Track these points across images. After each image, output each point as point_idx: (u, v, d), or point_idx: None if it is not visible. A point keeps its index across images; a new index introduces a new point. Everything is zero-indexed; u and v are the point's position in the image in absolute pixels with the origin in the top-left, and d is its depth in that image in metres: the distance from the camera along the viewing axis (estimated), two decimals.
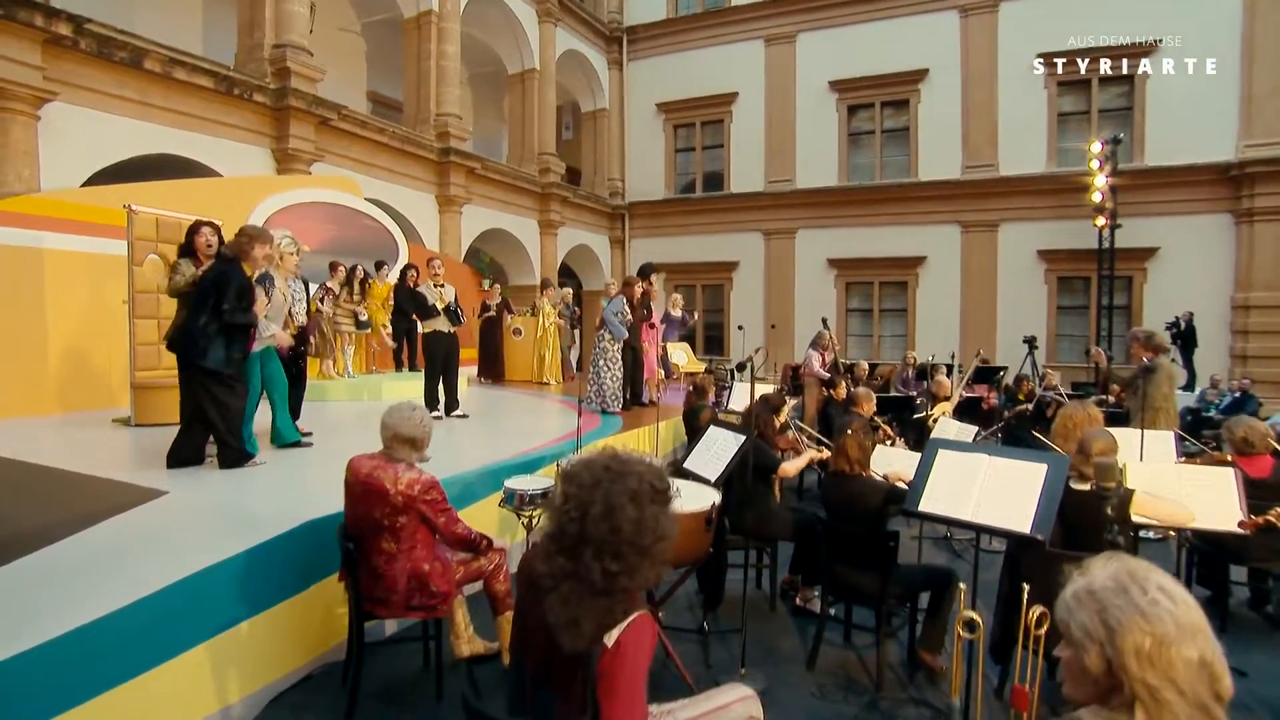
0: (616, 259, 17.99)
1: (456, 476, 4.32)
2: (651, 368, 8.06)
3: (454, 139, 12.26)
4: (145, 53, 7.79)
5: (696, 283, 17.38)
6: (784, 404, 4.51)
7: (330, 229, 9.62)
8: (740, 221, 16.54)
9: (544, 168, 14.96)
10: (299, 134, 9.52)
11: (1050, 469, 2.43)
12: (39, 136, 7.05)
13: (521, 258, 15.11)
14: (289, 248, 4.74)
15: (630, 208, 17.81)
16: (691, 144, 17.42)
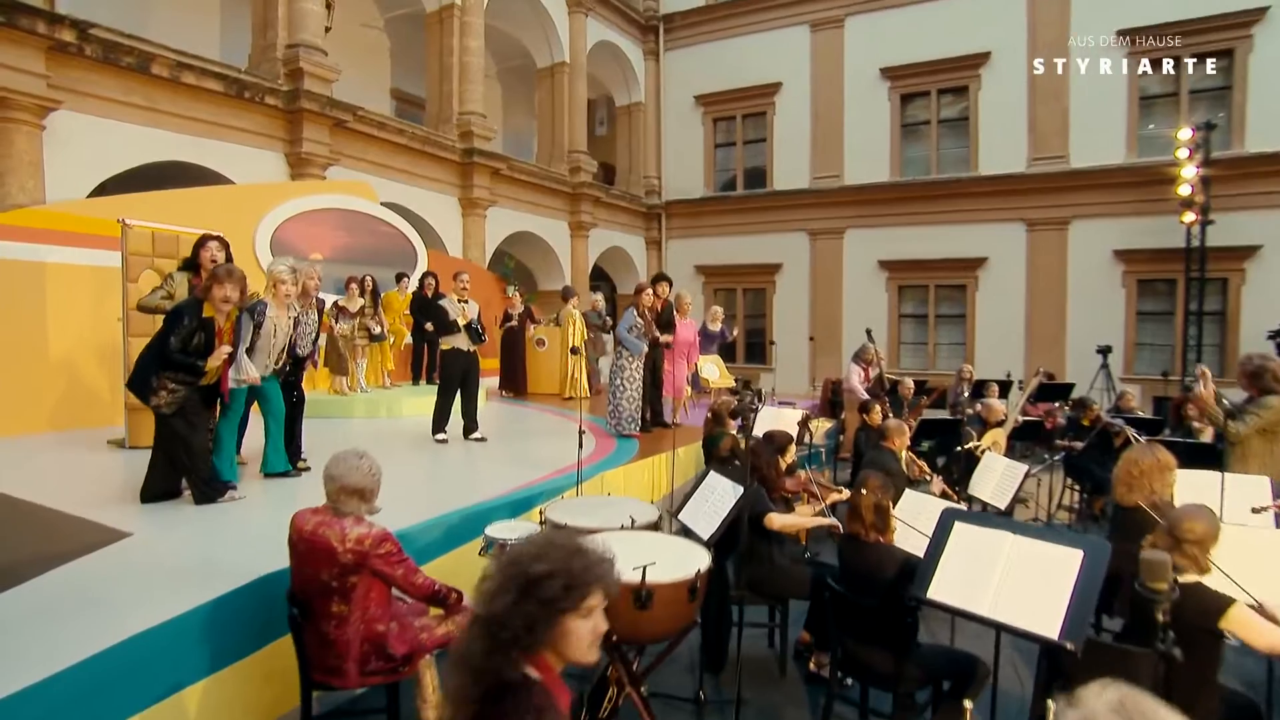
0: (652, 261, 17.71)
1: (439, 519, 4.13)
2: (676, 385, 7.76)
3: (478, 138, 12.18)
4: (152, 57, 7.86)
5: (737, 286, 16.98)
6: (790, 442, 4.18)
7: (344, 236, 9.61)
8: (784, 221, 16.07)
9: (574, 166, 14.79)
10: (313, 137, 9.53)
11: (1087, 558, 2.05)
12: (44, 146, 7.17)
13: (550, 262, 14.97)
14: (285, 276, 4.63)
15: (667, 207, 17.52)
16: (732, 138, 17.02)
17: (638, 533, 3.30)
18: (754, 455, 3.96)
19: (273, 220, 8.65)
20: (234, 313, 4.42)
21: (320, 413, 8.09)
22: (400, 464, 5.84)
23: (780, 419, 5.97)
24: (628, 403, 6.88)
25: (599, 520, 3.45)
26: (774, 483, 3.93)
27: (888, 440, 4.93)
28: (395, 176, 11.18)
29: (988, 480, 4.64)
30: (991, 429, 6.15)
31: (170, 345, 4.10)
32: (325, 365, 8.59)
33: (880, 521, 3.12)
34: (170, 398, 4.20)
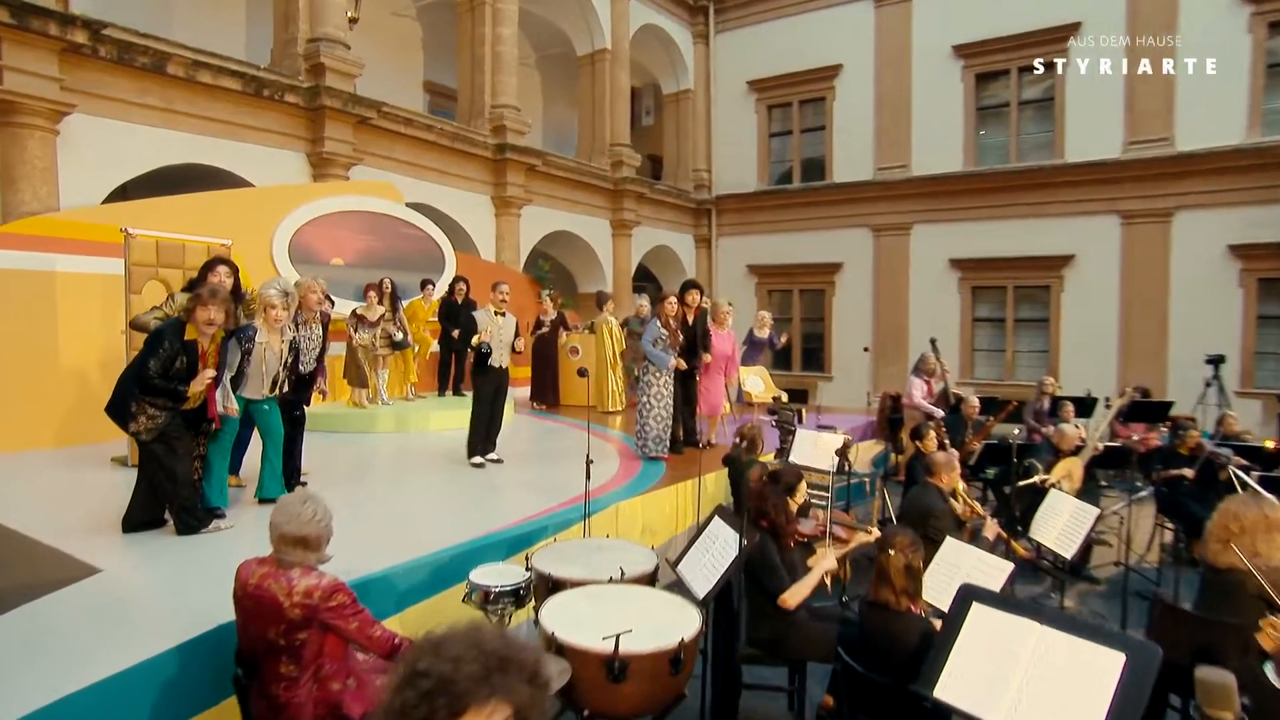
0: (702, 260, 17.42)
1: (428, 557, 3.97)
2: (712, 402, 7.46)
3: (511, 133, 12.13)
4: (168, 56, 8.01)
5: (794, 287, 16.52)
6: (799, 481, 3.85)
7: (366, 240, 9.65)
8: (845, 216, 15.54)
9: (616, 160, 14.62)
10: (335, 135, 9.60)
11: (1130, 665, 1.69)
12: (57, 152, 7.38)
13: (591, 263, 14.84)
14: (275, 300, 4.60)
15: (717, 202, 17.19)
16: (788, 127, 16.57)
17: (625, 587, 3.05)
18: (758, 498, 3.66)
19: (291, 224, 8.74)
20: (219, 335, 4.39)
21: (340, 427, 8.15)
22: (403, 489, 5.75)
23: (817, 445, 5.62)
24: (655, 422, 6.62)
25: (586, 569, 3.23)
26: (784, 529, 3.62)
27: (934, 475, 4.53)
28: (424, 175, 11.21)
29: (1052, 522, 4.20)
30: (1065, 458, 5.61)
31: (149, 369, 4.07)
32: (344, 377, 8.61)
33: (912, 586, 2.78)
34: (150, 424, 4.16)
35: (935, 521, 4.27)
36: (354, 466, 6.60)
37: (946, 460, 4.52)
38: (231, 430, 4.72)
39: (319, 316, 5.42)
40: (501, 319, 6.36)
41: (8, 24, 6.78)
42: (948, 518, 4.34)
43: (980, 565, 3.08)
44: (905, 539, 2.87)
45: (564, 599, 2.97)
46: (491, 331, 6.25)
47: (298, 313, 5.30)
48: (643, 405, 6.66)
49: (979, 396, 7.87)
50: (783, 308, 16.86)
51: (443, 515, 5.00)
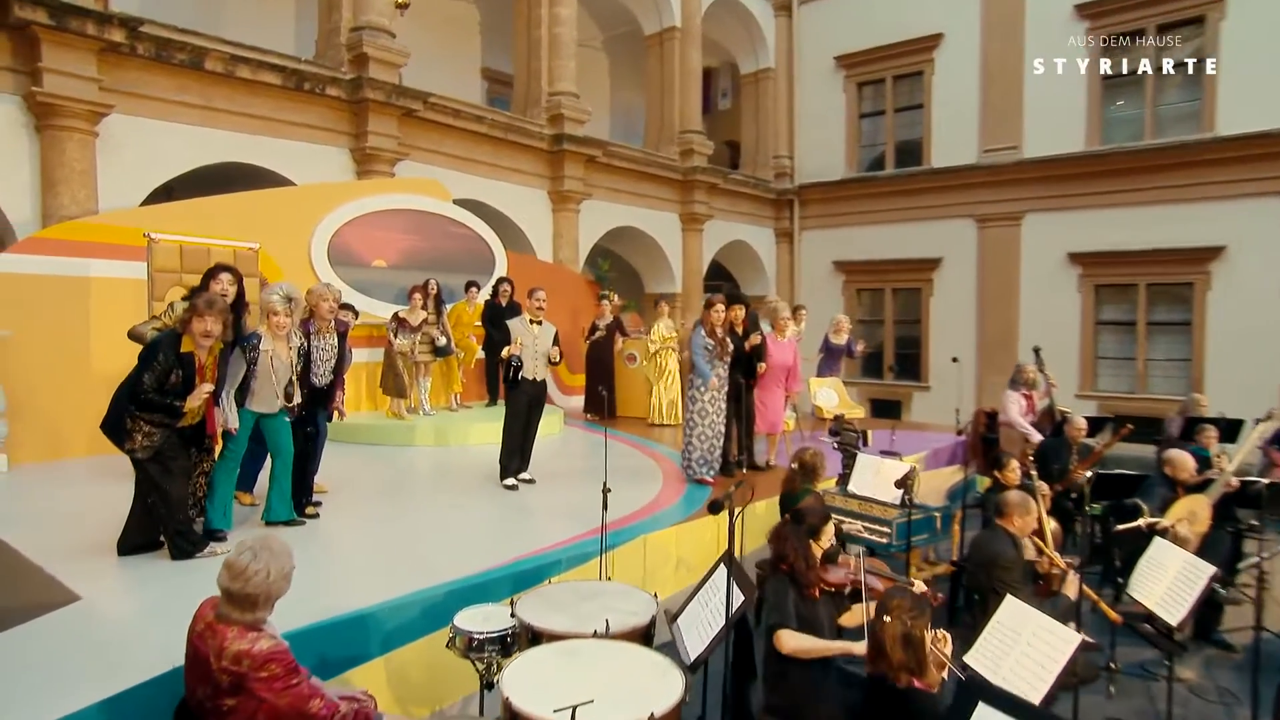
0: (782, 256, 16.97)
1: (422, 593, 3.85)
2: (770, 418, 7.12)
3: (569, 122, 12.08)
4: (206, 52, 8.31)
5: (885, 286, 15.87)
6: (825, 522, 3.52)
7: (410, 240, 9.76)
8: (945, 205, 14.79)
9: (686, 148, 14.39)
10: (379, 129, 9.77)
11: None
12: (96, 154, 7.77)
13: (658, 261, 14.66)
14: (278, 306, 4.64)
15: (800, 192, 16.72)
16: (880, 106, 15.93)
17: (609, 644, 2.83)
18: (778, 539, 3.37)
19: (330, 225, 8.91)
20: (217, 347, 4.42)
21: (378, 439, 8.25)
22: (422, 511, 5.71)
23: (880, 473, 5.23)
24: (700, 440, 6.35)
25: (573, 619, 3.03)
26: (805, 576, 3.31)
27: (1004, 517, 4.08)
28: (475, 170, 11.29)
29: (1155, 580, 3.68)
30: (1186, 496, 4.94)
31: (144, 384, 4.13)
32: (381, 386, 8.72)
33: (912, 659, 2.47)
34: (146, 441, 4.21)
35: (1002, 573, 3.86)
36: (378, 484, 6.63)
37: (1020, 501, 4.06)
38: (238, 448, 4.74)
39: (333, 326, 5.41)
40: (538, 328, 6.25)
41: (46, 25, 7.17)
42: (1018, 569, 3.90)
43: (1043, 634, 2.69)
44: (905, 602, 2.56)
45: (535, 656, 2.78)
46: (525, 342, 6.14)
47: (310, 321, 5.32)
48: (687, 422, 6.41)
49: (1095, 415, 7.22)
50: (873, 309, 16.23)
51: (454, 543, 4.91)
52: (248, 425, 4.74)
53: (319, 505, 5.47)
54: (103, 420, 4.35)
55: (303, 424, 5.32)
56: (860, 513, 5.40)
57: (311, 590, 3.95)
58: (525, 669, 2.65)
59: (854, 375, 15.77)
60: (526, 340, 6.16)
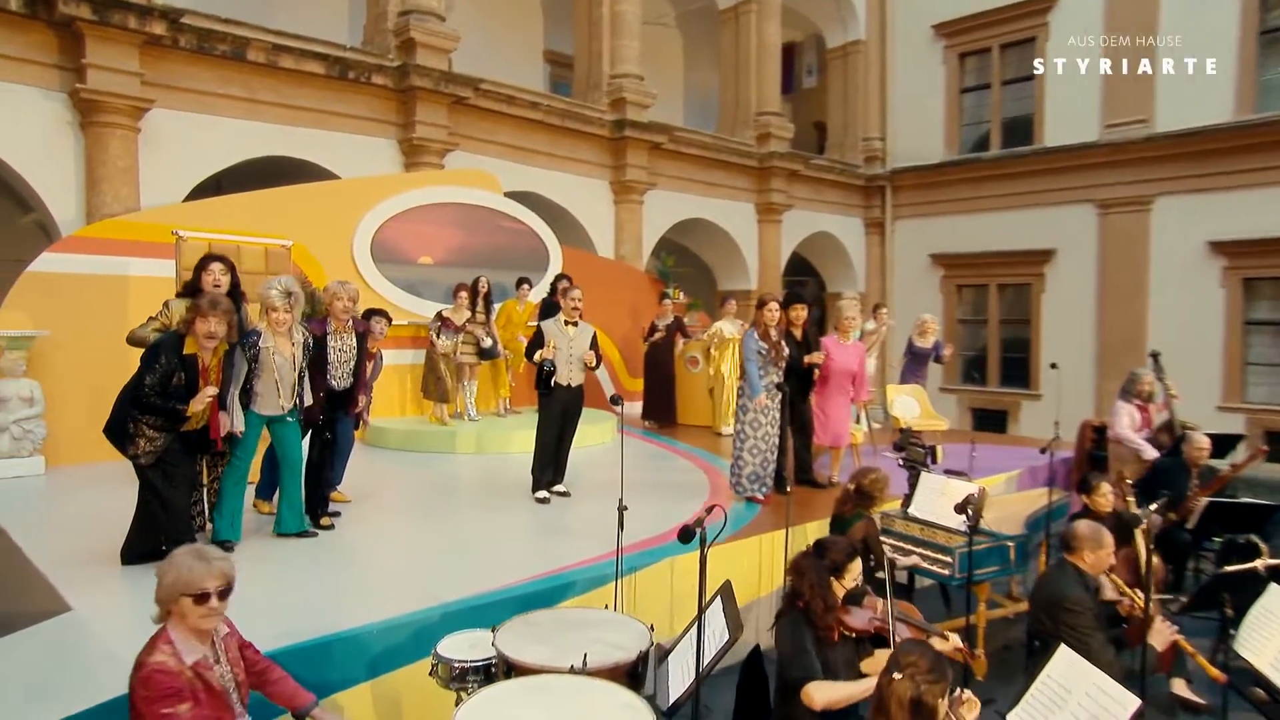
0: (873, 248, 16.44)
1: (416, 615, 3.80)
2: (833, 430, 6.81)
3: (632, 106, 12.00)
4: (247, 42, 8.58)
5: (990, 281, 15.14)
6: (850, 560, 3.26)
7: (459, 236, 9.85)
8: (1060, 189, 13.97)
9: (763, 132, 14.11)
10: (428, 118, 9.90)
11: None
12: (139, 150, 8.14)
13: (731, 255, 14.42)
14: (276, 301, 4.69)
15: (893, 177, 16.17)
16: (986, 79, 15.21)
17: (582, 682, 2.69)
18: (797, 573, 3.15)
19: (373, 220, 9.08)
20: (221, 348, 4.50)
21: (417, 446, 8.34)
22: (442, 524, 5.72)
23: (945, 494, 4.90)
24: (750, 455, 6.10)
25: (553, 651, 2.90)
26: (821, 618, 3.08)
27: (1074, 551, 3.71)
28: (531, 160, 11.33)
29: (1269, 635, 3.25)
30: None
31: (145, 386, 4.23)
32: (422, 390, 8.82)
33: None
34: (149, 446, 4.31)
35: (1068, 617, 3.50)
36: (406, 494, 6.68)
37: (1090, 533, 3.67)
38: (246, 454, 4.80)
39: (350, 325, 5.46)
40: (573, 329, 6.15)
41: (90, 20, 7.55)
42: (1087, 612, 3.53)
43: (1097, 695, 2.38)
44: (922, 661, 2.30)
45: (498, 692, 2.67)
46: (559, 345, 6.05)
47: (326, 320, 5.38)
48: (738, 433, 6.17)
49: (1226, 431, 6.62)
50: (976, 307, 15.52)
51: (465, 560, 4.86)
52: (255, 429, 4.79)
53: (337, 516, 5.53)
54: (105, 424, 4.48)
55: (320, 430, 5.39)
56: (922, 539, 5.09)
57: (303, 607, 3.97)
58: (483, 706, 2.54)
59: (953, 382, 15.16)
60: (561, 343, 6.06)
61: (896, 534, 5.36)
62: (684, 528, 2.62)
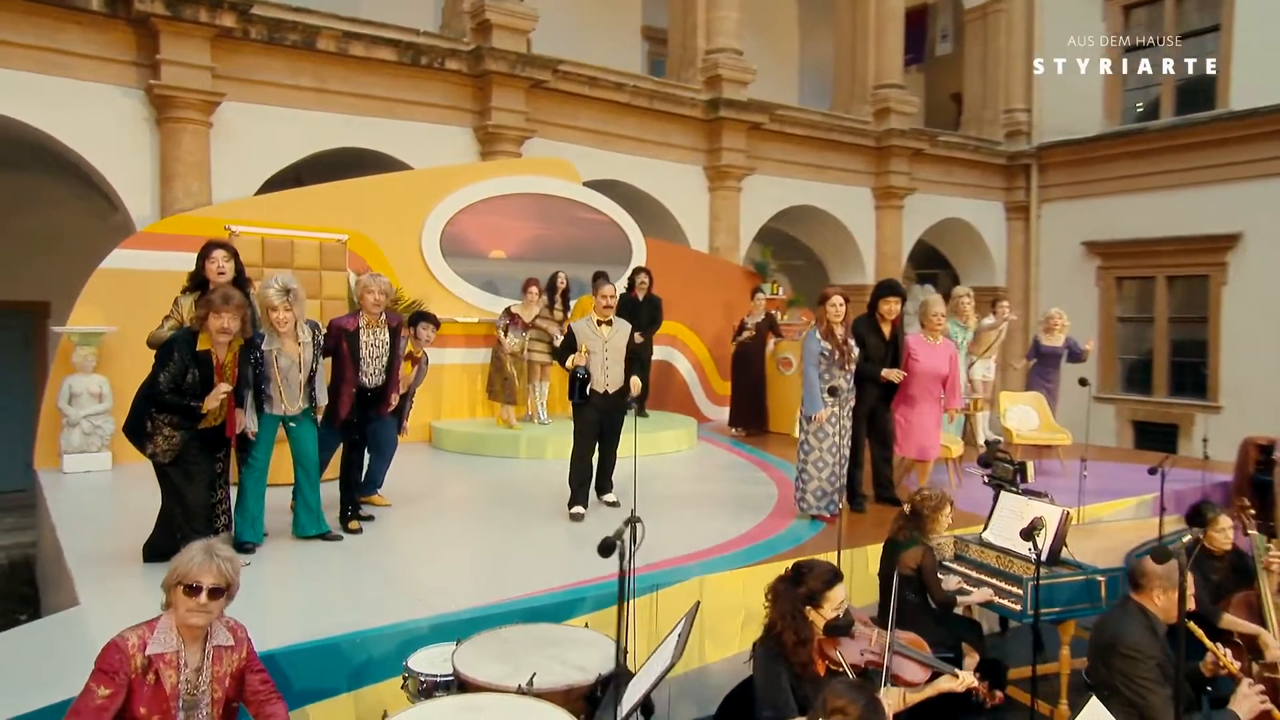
0: (1015, 235, 15.72)
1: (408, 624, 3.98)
2: (919, 442, 6.58)
3: (729, 84, 11.97)
4: (318, 31, 9.14)
5: (1157, 272, 14.20)
6: (829, 587, 3.15)
7: (533, 228, 10.11)
8: (1248, 161, 12.95)
9: (882, 107, 13.76)
10: (504, 105, 10.23)
11: None
12: (211, 144, 8.81)
13: (845, 245, 14.16)
14: (274, 300, 4.96)
15: (1040, 154, 15.44)
16: (1157, 35, 14.25)
17: (518, 703, 2.76)
18: (773, 599, 3.10)
19: (443, 213, 9.45)
20: (236, 343, 4.82)
21: (479, 450, 8.65)
22: (474, 533, 5.95)
23: (1025, 516, 4.66)
24: (816, 469, 5.97)
25: (510, 670, 2.98)
26: (793, 652, 3.01)
27: (1141, 591, 3.44)
28: (616, 145, 11.50)
29: None
30: None
31: (159, 384, 4.60)
32: (487, 391, 9.10)
33: None
34: (167, 444, 4.66)
35: (1127, 664, 3.27)
36: (449, 500, 6.93)
37: (1163, 572, 3.37)
38: (261, 455, 5.10)
39: (383, 320, 5.70)
40: (608, 329, 6.13)
41: (163, 15, 8.25)
42: (1149, 660, 3.27)
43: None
44: (855, 709, 2.21)
45: (430, 709, 2.77)
46: (593, 348, 6.02)
47: (358, 314, 5.66)
48: (801, 445, 6.08)
49: None
50: (1140, 303, 14.59)
51: (487, 569, 5.04)
52: (270, 430, 5.09)
53: (370, 520, 5.80)
54: (124, 424, 4.89)
55: (349, 429, 5.68)
56: (997, 568, 4.87)
57: (299, 611, 4.22)
58: None
59: (1112, 390, 14.33)
60: (595, 345, 6.02)
61: (971, 561, 5.15)
62: (604, 541, 2.63)
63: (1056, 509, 4.78)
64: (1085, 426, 7.90)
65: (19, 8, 7.87)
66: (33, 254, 10.72)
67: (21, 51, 7.98)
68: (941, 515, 4.63)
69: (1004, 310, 9.62)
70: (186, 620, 2.73)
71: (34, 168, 9.89)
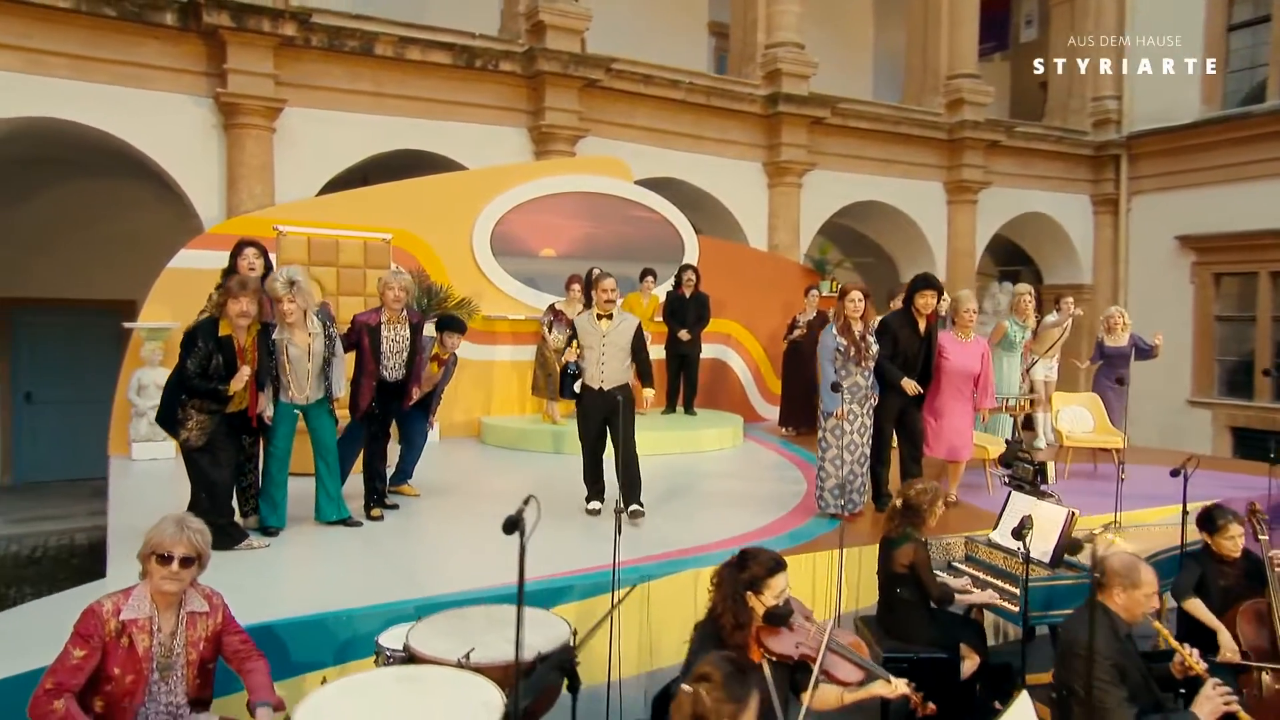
0: (1102, 229, 15.20)
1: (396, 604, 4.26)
2: (950, 441, 6.54)
3: (788, 79, 11.99)
4: (375, 37, 9.61)
5: (1260, 268, 13.53)
6: (770, 575, 3.20)
7: (584, 227, 10.38)
8: None
9: (954, 98, 13.53)
10: (557, 104, 10.53)
11: None
12: (274, 149, 9.38)
13: (914, 242, 13.99)
14: (280, 292, 5.31)
15: (1130, 143, 14.87)
16: (1264, 9, 13.58)
17: (453, 675, 2.98)
18: (719, 582, 3.22)
19: (493, 212, 9.81)
20: (254, 328, 5.21)
21: (523, 445, 8.97)
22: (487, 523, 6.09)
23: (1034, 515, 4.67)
24: (834, 466, 6.03)
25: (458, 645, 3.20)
26: (730, 635, 3.11)
27: (1104, 590, 3.41)
28: (673, 143, 11.67)
29: None
30: None
31: (187, 369, 5.02)
32: (531, 388, 9.40)
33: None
34: (198, 428, 5.07)
35: (1083, 665, 3.28)
36: (479, 492, 7.23)
37: (1124, 569, 3.36)
38: (282, 443, 5.46)
39: (404, 316, 6.03)
40: (607, 324, 6.04)
41: (229, 27, 8.84)
42: (1104, 661, 3.26)
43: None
44: (718, 676, 2.33)
45: (367, 678, 3.03)
46: (589, 343, 6.03)
47: (379, 310, 6.01)
48: (819, 442, 6.15)
49: None
50: (1241, 301, 13.92)
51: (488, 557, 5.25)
52: (288, 418, 5.45)
53: (394, 509, 6.15)
54: (157, 414, 5.33)
55: (371, 420, 6.03)
56: (1004, 569, 4.88)
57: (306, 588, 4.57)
58: (339, 691, 2.91)
59: (1207, 394, 13.76)
60: (591, 339, 6.01)
61: (980, 562, 5.17)
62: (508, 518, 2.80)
63: (1063, 510, 4.76)
64: (1124, 426, 7.76)
65: (106, 26, 8.56)
66: (120, 255, 11.54)
67: (106, 66, 8.68)
68: (935, 509, 4.65)
69: (1068, 307, 9.43)
70: (160, 587, 3.03)
71: (120, 174, 10.66)
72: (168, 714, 3.04)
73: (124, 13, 8.56)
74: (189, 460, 5.15)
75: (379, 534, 5.67)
